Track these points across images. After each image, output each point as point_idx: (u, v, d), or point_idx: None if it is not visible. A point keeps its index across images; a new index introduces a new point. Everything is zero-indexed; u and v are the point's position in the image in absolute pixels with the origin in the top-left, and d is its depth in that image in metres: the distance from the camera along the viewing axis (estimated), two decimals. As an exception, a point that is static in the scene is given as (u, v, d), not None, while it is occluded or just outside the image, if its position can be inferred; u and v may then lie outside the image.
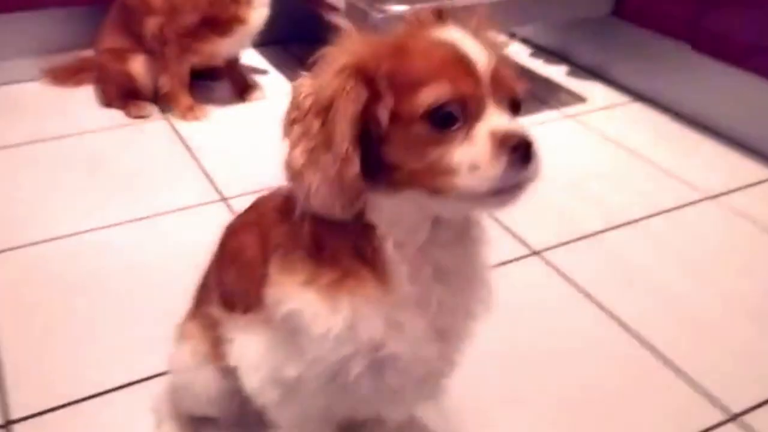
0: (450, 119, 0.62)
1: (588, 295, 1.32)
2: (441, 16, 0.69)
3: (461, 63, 0.63)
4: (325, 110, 0.64)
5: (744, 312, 1.30)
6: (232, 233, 0.87)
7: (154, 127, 1.91)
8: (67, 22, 2.07)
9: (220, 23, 1.80)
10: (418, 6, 1.60)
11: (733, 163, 1.77)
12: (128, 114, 1.93)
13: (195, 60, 1.89)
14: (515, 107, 0.66)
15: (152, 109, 1.95)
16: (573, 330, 1.26)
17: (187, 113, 1.91)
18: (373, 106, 0.64)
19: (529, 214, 1.56)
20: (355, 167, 0.64)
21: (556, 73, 2.23)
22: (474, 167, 0.61)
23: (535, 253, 1.44)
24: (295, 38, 2.30)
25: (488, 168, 0.61)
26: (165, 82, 1.89)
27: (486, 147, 0.62)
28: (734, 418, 1.09)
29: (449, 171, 0.62)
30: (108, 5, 1.93)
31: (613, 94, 2.10)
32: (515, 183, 0.63)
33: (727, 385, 1.14)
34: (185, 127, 1.89)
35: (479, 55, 0.63)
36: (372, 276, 0.69)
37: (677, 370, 1.17)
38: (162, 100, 1.95)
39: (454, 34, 0.65)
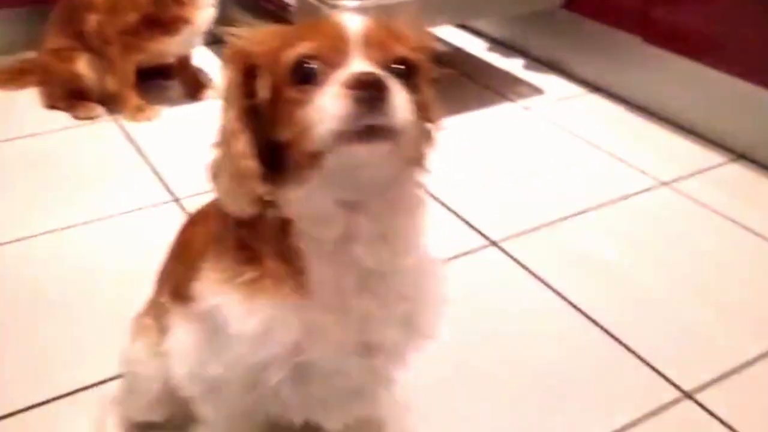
0: (312, 75, 0.62)
1: (546, 284, 1.32)
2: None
3: (328, 27, 0.64)
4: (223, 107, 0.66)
5: (695, 293, 1.31)
6: (188, 224, 0.88)
7: (103, 129, 1.85)
8: (7, 24, 2.01)
9: (163, 23, 1.77)
10: (369, 1, 1.58)
11: (685, 150, 1.79)
12: (75, 116, 1.88)
13: (141, 59, 1.85)
14: (408, 72, 0.64)
15: (100, 110, 1.90)
16: (531, 317, 1.25)
17: (136, 113, 1.86)
18: (252, 81, 0.64)
19: (486, 206, 1.56)
20: (249, 156, 0.64)
21: (513, 66, 2.23)
22: (321, 111, 0.60)
23: (493, 243, 1.43)
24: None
25: (331, 108, 0.59)
26: (111, 82, 1.85)
27: (332, 90, 0.60)
28: (687, 396, 1.09)
29: (310, 126, 0.60)
30: (50, 7, 1.88)
31: (569, 85, 2.11)
32: (365, 126, 0.59)
33: (679, 364, 1.14)
34: (135, 127, 1.84)
35: (350, 21, 0.64)
36: (291, 277, 0.67)
37: (631, 351, 1.17)
38: (110, 101, 1.90)
39: (341, 16, 0.66)
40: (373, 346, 0.70)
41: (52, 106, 1.91)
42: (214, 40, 2.07)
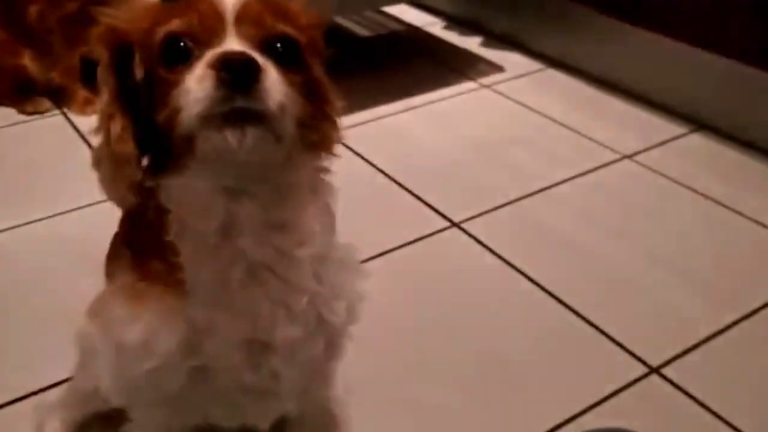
0: (183, 54, 0.57)
1: (509, 263, 1.30)
2: None
3: (204, 3, 0.59)
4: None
5: (661, 267, 1.29)
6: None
7: (52, 124, 1.79)
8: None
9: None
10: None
11: (645, 121, 1.77)
12: (22, 110, 1.81)
13: (86, 49, 1.78)
14: (292, 50, 0.60)
15: (49, 104, 1.83)
16: (495, 297, 1.23)
17: (85, 107, 1.80)
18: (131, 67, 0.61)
19: (446, 186, 1.53)
20: (125, 140, 0.60)
21: (472, 43, 2.20)
22: (186, 93, 0.55)
23: (455, 224, 1.41)
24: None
25: (196, 90, 0.55)
26: (57, 75, 1.78)
27: (198, 71, 0.55)
28: (654, 370, 1.08)
29: (179, 110, 0.56)
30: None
31: (528, 61, 2.08)
32: (233, 109, 0.55)
33: (645, 339, 1.13)
34: (85, 121, 1.78)
35: (229, 3, 0.59)
36: (172, 275, 0.63)
37: (597, 328, 1.15)
38: (57, 95, 1.83)
39: None
40: (269, 343, 0.66)
41: (-5, 102, 1.84)
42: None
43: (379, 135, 1.71)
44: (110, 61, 0.61)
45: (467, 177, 1.57)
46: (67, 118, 1.80)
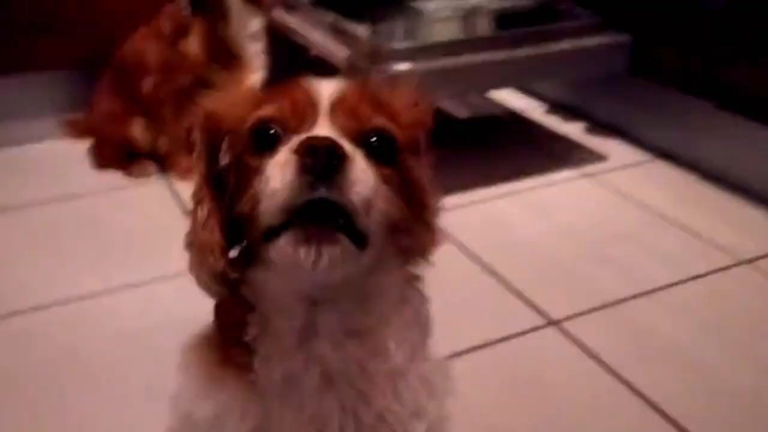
0: (270, 141, 0.55)
1: (612, 370, 1.19)
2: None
3: (298, 90, 0.58)
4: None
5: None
6: None
7: (153, 188, 1.84)
8: (49, 86, 2.03)
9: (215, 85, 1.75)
10: (420, 64, 1.52)
11: (766, 224, 1.64)
12: (129, 174, 1.87)
13: (191, 122, 1.83)
14: (383, 147, 0.56)
15: (153, 168, 1.89)
16: (595, 408, 1.12)
17: (186, 174, 1.84)
18: (218, 145, 0.60)
19: (546, 280, 1.45)
20: (212, 227, 0.59)
21: (574, 130, 2.14)
22: (267, 181, 0.53)
23: (553, 323, 1.32)
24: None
25: (277, 176, 0.52)
26: (164, 143, 1.84)
27: (281, 157, 0.53)
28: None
29: (259, 200, 0.54)
30: (93, 70, 1.89)
31: (634, 151, 2.00)
32: (313, 200, 0.51)
33: None
34: (185, 188, 1.82)
35: (321, 87, 0.58)
36: (250, 366, 0.61)
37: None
38: (161, 161, 1.90)
39: (316, 79, 0.60)
40: None
41: (103, 166, 1.91)
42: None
43: (475, 220, 1.66)
44: (204, 146, 0.61)
45: (567, 271, 1.49)
46: (170, 185, 1.85)
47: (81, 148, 1.95)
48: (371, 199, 0.52)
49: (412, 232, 0.59)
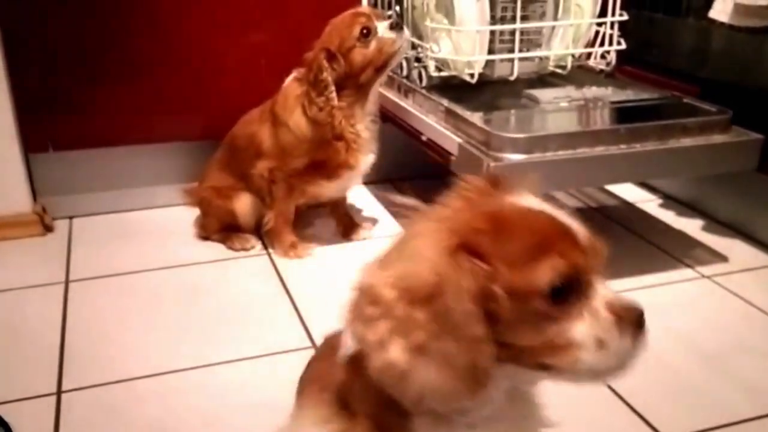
0: (566, 293, 0.61)
1: None
2: (496, 183, 0.68)
3: (567, 235, 0.63)
4: (429, 297, 0.59)
5: None
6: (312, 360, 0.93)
7: (254, 263, 1.85)
8: (172, 155, 2.12)
9: (328, 168, 1.78)
10: (535, 155, 1.48)
11: None
12: (231, 246, 1.90)
13: (301, 200, 1.86)
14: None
15: (255, 242, 1.92)
16: None
17: (289, 250, 1.86)
18: (488, 283, 0.61)
19: (662, 394, 1.33)
20: (489, 350, 0.60)
21: (690, 226, 2.02)
22: (601, 343, 0.61)
23: (672, 444, 1.20)
24: (406, 177, 2.26)
25: (618, 345, 0.62)
26: (270, 219, 1.86)
27: (609, 322, 0.62)
28: None
29: (570, 347, 0.61)
30: (210, 144, 1.96)
31: (759, 254, 1.86)
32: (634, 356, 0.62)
33: None
34: (286, 264, 1.83)
35: (577, 226, 0.64)
36: None
37: None
38: (264, 236, 1.92)
39: (538, 203, 0.65)
40: None
41: (206, 237, 1.95)
42: (371, 180, 2.08)
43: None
44: (477, 276, 0.61)
45: (688, 388, 1.35)
46: (270, 259, 1.86)
47: (194, 215, 2.01)
48: None
49: None
